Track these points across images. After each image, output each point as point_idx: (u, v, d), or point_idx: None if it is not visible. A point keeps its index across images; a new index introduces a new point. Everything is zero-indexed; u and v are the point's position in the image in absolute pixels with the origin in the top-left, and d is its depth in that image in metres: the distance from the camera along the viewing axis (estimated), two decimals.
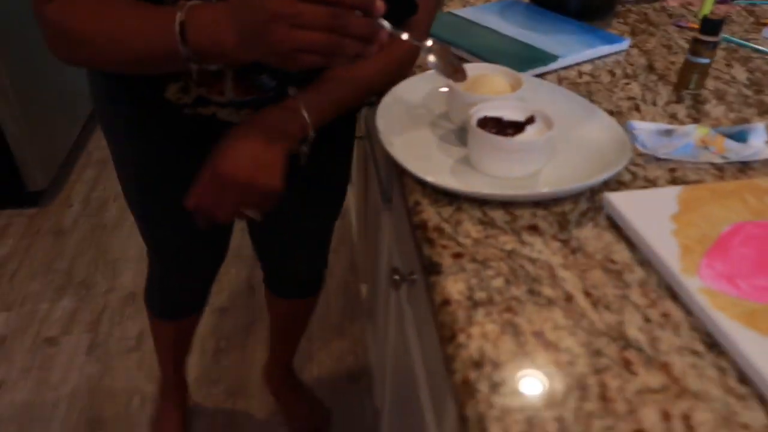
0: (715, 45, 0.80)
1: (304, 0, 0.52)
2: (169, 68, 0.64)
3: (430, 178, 0.61)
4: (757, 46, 0.97)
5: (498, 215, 0.59)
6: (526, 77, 0.79)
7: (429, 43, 0.61)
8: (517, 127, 0.65)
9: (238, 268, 1.87)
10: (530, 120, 0.65)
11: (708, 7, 1.07)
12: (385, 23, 0.55)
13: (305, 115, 0.70)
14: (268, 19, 0.53)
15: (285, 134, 0.70)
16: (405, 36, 0.58)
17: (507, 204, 0.60)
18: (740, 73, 0.89)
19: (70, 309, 1.73)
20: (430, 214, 0.60)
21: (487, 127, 0.64)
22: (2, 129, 1.89)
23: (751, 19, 1.09)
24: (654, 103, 0.81)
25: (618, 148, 0.65)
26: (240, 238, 1.99)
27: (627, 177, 0.66)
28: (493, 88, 0.71)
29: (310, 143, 0.72)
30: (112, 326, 1.68)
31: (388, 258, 1.01)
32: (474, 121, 0.64)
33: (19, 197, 2.08)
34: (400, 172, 0.66)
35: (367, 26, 0.54)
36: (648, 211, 0.57)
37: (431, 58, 0.61)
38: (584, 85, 0.85)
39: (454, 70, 0.62)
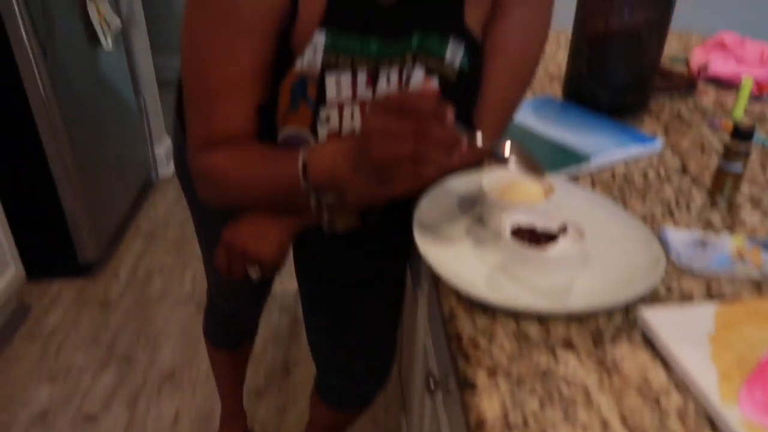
0: (747, 153, 0.81)
1: (393, 116, 0.59)
2: (294, 205, 0.75)
3: (465, 289, 0.62)
4: None
5: (533, 329, 0.60)
6: (559, 182, 0.82)
7: (507, 149, 0.66)
8: (550, 237, 0.67)
9: (275, 348, 1.89)
10: (563, 229, 0.67)
11: (741, 108, 1.09)
12: (462, 130, 0.61)
13: (324, 214, 0.76)
14: (368, 137, 0.61)
15: (292, 218, 0.78)
16: (480, 142, 0.64)
17: (542, 316, 0.62)
18: None
19: (111, 384, 1.77)
20: (465, 325, 0.61)
21: (520, 236, 0.66)
22: (60, 198, 2.00)
23: None
24: (688, 209, 0.82)
25: (652, 263, 0.66)
26: (277, 318, 2.02)
27: (662, 290, 0.66)
28: (526, 195, 0.74)
29: (332, 226, 0.79)
30: (149, 404, 1.70)
31: (424, 354, 1.01)
32: (508, 232, 0.66)
33: (70, 268, 2.17)
34: (435, 277, 0.68)
35: (447, 133, 0.59)
36: (684, 332, 0.57)
37: (511, 158, 0.67)
38: (617, 187, 0.87)
39: (532, 167, 0.66)
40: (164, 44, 3.67)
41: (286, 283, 2.02)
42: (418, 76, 0.75)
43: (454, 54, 0.76)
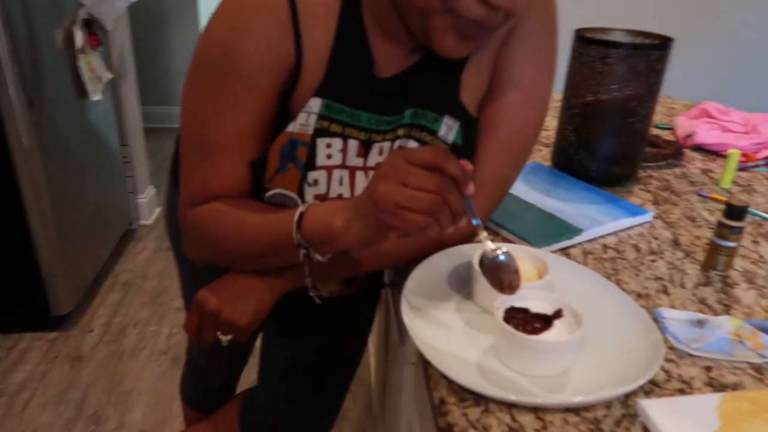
0: (740, 229, 0.80)
1: (417, 167, 0.58)
2: (282, 260, 0.73)
3: (456, 377, 0.59)
4: None
5: (527, 420, 0.57)
6: (552, 258, 0.80)
7: (501, 252, 0.63)
8: (544, 320, 0.64)
9: None
10: (558, 314, 0.64)
11: (728, 178, 1.09)
12: (473, 208, 0.61)
13: (307, 273, 0.73)
14: (381, 175, 0.60)
15: (277, 279, 0.75)
16: (483, 235, 0.63)
17: (537, 407, 0.58)
18: None
19: None
20: (456, 416, 0.58)
21: (513, 319, 0.64)
22: (36, 250, 1.93)
23: None
24: (682, 285, 0.80)
25: (651, 349, 0.63)
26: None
27: (661, 376, 0.63)
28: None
29: (316, 291, 0.76)
30: None
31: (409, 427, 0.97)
32: (500, 315, 0.64)
33: (42, 321, 2.09)
34: (425, 362, 0.65)
35: (460, 202, 0.59)
36: (687, 429, 0.54)
37: (483, 264, 0.64)
38: (609, 261, 0.85)
39: (504, 286, 0.63)
40: (154, 95, 3.69)
41: None
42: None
43: (449, 129, 0.75)
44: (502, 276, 0.62)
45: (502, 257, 0.62)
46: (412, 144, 0.75)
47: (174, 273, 2.32)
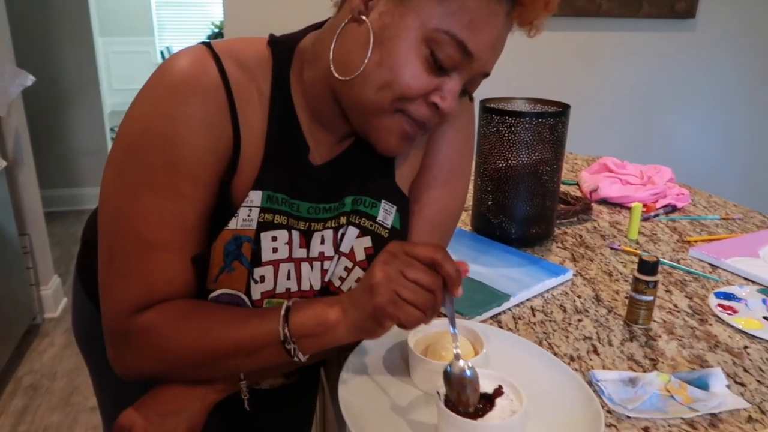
0: (655, 283, 0.84)
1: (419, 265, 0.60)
2: (254, 362, 0.66)
3: None
4: (688, 269, 1.04)
5: None
6: (486, 329, 0.80)
7: (468, 368, 0.62)
8: (486, 400, 0.63)
9: None
10: (498, 391, 0.64)
11: (634, 230, 1.16)
12: (453, 313, 0.63)
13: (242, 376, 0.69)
14: (380, 263, 0.60)
15: (208, 387, 0.70)
16: (457, 347, 0.63)
17: None
18: (681, 300, 0.94)
19: None
20: None
21: (454, 402, 0.62)
22: None
23: (675, 237, 1.18)
24: (610, 343, 0.82)
25: (592, 418, 0.64)
26: None
27: None
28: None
29: (247, 392, 0.71)
30: None
31: None
32: (441, 399, 0.62)
33: None
34: None
35: (441, 301, 0.61)
36: None
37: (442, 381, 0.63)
38: (539, 324, 0.87)
39: (462, 401, 0.62)
40: (55, 177, 3.50)
41: None
42: (351, 235, 0.73)
43: (386, 214, 0.75)
44: (465, 390, 0.62)
45: (468, 372, 0.62)
46: (353, 230, 0.73)
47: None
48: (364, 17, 0.65)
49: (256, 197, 0.68)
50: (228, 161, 0.67)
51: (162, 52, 4.83)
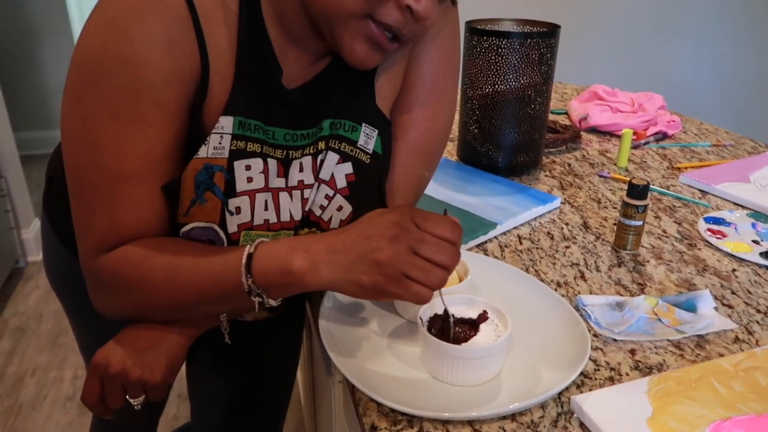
0: (644, 208, 0.82)
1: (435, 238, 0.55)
2: (226, 307, 0.64)
3: (386, 400, 0.55)
4: (678, 195, 1.02)
5: None
6: (471, 257, 0.78)
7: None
8: (470, 325, 0.61)
9: None
10: (483, 316, 0.62)
11: (624, 157, 1.13)
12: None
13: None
14: (389, 237, 0.54)
15: (187, 323, 0.67)
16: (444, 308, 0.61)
17: (472, 420, 0.56)
18: (670, 226, 0.92)
19: None
20: None
21: (438, 329, 0.61)
22: None
23: (666, 164, 1.16)
24: (597, 269, 0.81)
25: (578, 341, 0.63)
26: (176, 410, 1.83)
27: (590, 366, 0.63)
28: None
29: (227, 324, 0.69)
30: None
31: None
32: (424, 325, 0.60)
33: None
34: (351, 386, 0.60)
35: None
36: (622, 418, 0.54)
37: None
38: (526, 252, 0.85)
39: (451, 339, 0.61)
40: (29, 119, 3.38)
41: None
42: (331, 161, 0.69)
43: (368, 138, 0.70)
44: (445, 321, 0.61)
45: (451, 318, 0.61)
46: (332, 156, 0.69)
47: None
48: None
49: (227, 123, 0.63)
50: (196, 85, 0.61)
51: None
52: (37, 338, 2.10)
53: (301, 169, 0.69)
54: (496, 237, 0.88)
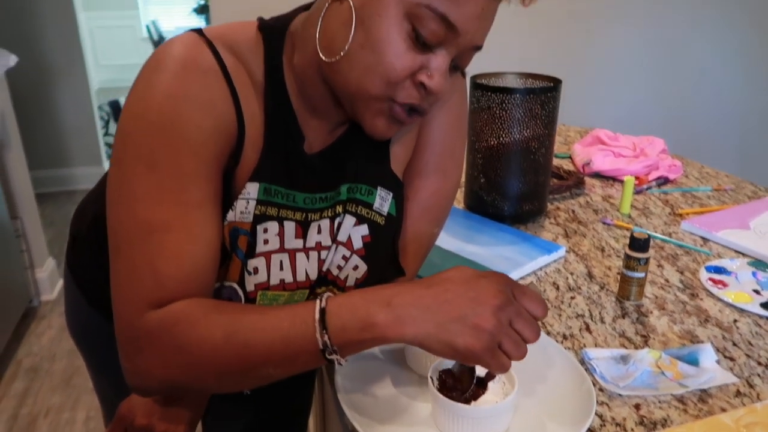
0: (646, 260, 0.85)
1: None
2: (289, 370, 0.59)
3: None
4: (680, 242, 1.05)
5: None
6: None
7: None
8: (478, 383, 0.64)
9: None
10: (491, 375, 0.65)
11: (627, 204, 1.16)
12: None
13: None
14: (495, 306, 0.54)
15: None
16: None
17: None
18: (672, 275, 0.94)
19: None
20: None
21: (448, 385, 0.63)
22: None
23: (668, 210, 1.19)
24: (602, 320, 0.83)
25: (584, 397, 0.65)
26: None
27: (596, 422, 0.65)
28: None
29: None
30: None
31: None
32: (435, 383, 0.63)
33: None
34: None
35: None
36: None
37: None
38: None
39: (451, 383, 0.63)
40: (45, 157, 3.46)
41: None
42: (348, 224, 0.73)
43: (383, 201, 0.74)
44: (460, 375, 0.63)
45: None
46: (349, 219, 0.73)
47: None
48: None
49: (253, 189, 0.66)
50: (231, 148, 0.64)
51: (148, 27, 4.74)
52: (50, 378, 2.12)
53: (319, 231, 0.72)
54: None
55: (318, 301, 0.56)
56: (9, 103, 2.30)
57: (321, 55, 0.64)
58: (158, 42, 4.66)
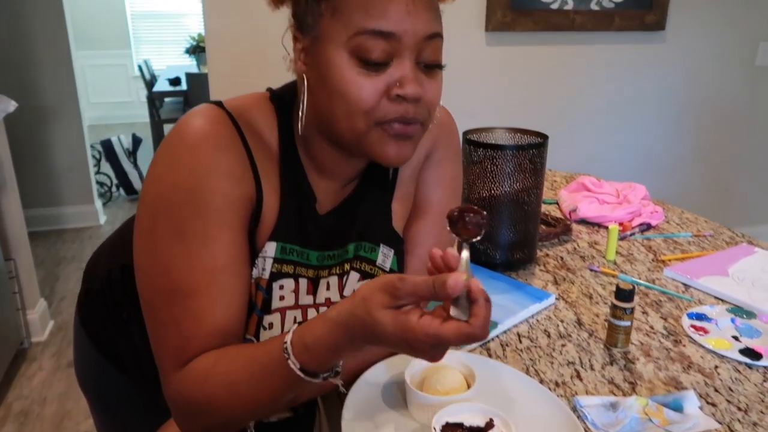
0: (632, 309, 0.90)
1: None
2: (297, 393, 0.65)
3: None
4: (663, 289, 1.10)
5: None
6: (477, 360, 0.85)
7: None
8: None
9: None
10: (490, 424, 0.69)
11: (612, 251, 1.22)
12: None
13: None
14: (422, 350, 0.57)
15: None
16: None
17: None
18: (657, 322, 1.00)
19: None
20: None
21: None
22: None
23: (651, 256, 1.25)
24: (592, 367, 0.88)
25: None
26: None
27: None
28: (450, 383, 0.76)
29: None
30: None
31: None
32: None
33: None
34: None
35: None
36: None
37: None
38: (526, 351, 0.92)
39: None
40: (37, 196, 3.47)
41: None
42: (353, 279, 0.78)
43: (385, 257, 0.80)
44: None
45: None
46: (354, 275, 0.78)
47: (78, 393, 2.16)
48: (304, 67, 0.68)
49: (270, 249, 0.72)
50: (252, 212, 0.70)
51: (140, 66, 4.81)
52: (41, 423, 2.11)
53: (328, 288, 0.78)
54: (498, 336, 0.96)
55: (289, 334, 0.61)
56: (6, 148, 2.33)
57: (313, 120, 0.70)
58: (150, 81, 4.73)
